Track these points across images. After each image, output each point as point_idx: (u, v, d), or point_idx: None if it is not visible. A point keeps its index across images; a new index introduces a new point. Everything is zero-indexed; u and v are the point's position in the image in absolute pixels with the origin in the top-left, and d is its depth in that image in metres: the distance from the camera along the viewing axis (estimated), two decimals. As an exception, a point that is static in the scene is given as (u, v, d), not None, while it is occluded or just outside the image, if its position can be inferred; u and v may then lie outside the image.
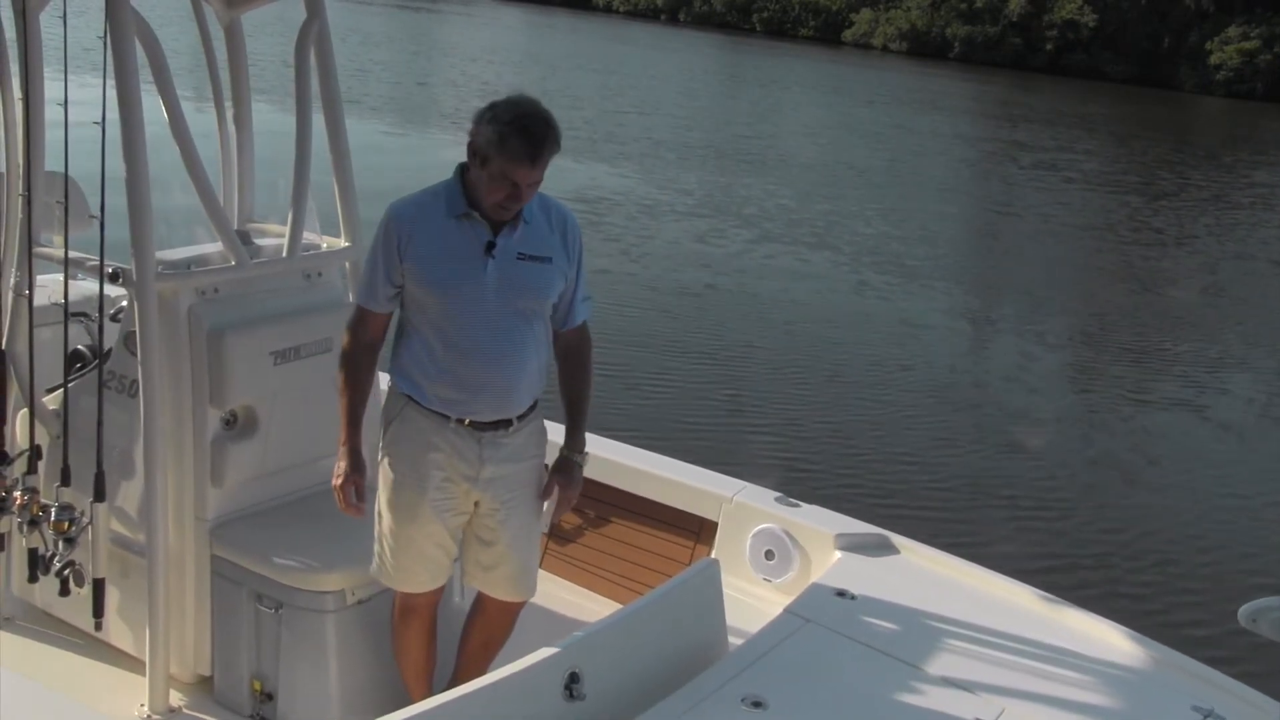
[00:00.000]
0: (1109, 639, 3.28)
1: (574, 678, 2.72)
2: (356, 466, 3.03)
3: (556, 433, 3.18)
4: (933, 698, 2.87)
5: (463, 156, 2.90)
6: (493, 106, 2.79)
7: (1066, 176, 25.39)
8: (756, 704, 2.73)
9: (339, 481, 3.03)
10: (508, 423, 3.00)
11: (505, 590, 3.17)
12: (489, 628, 3.27)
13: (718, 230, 15.21)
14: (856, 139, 28.92)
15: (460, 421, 2.96)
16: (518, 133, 2.73)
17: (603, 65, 42.20)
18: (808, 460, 7.79)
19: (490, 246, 2.87)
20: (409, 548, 3.05)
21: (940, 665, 3.01)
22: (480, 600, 3.27)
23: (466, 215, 2.88)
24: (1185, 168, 29.79)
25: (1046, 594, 3.51)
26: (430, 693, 3.27)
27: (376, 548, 3.11)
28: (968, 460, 8.27)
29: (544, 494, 3.13)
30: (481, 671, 3.18)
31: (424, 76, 31.64)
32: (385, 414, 3.08)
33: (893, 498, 7.23)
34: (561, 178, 17.19)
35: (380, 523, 3.09)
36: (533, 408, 3.07)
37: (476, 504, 3.06)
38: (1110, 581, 6.61)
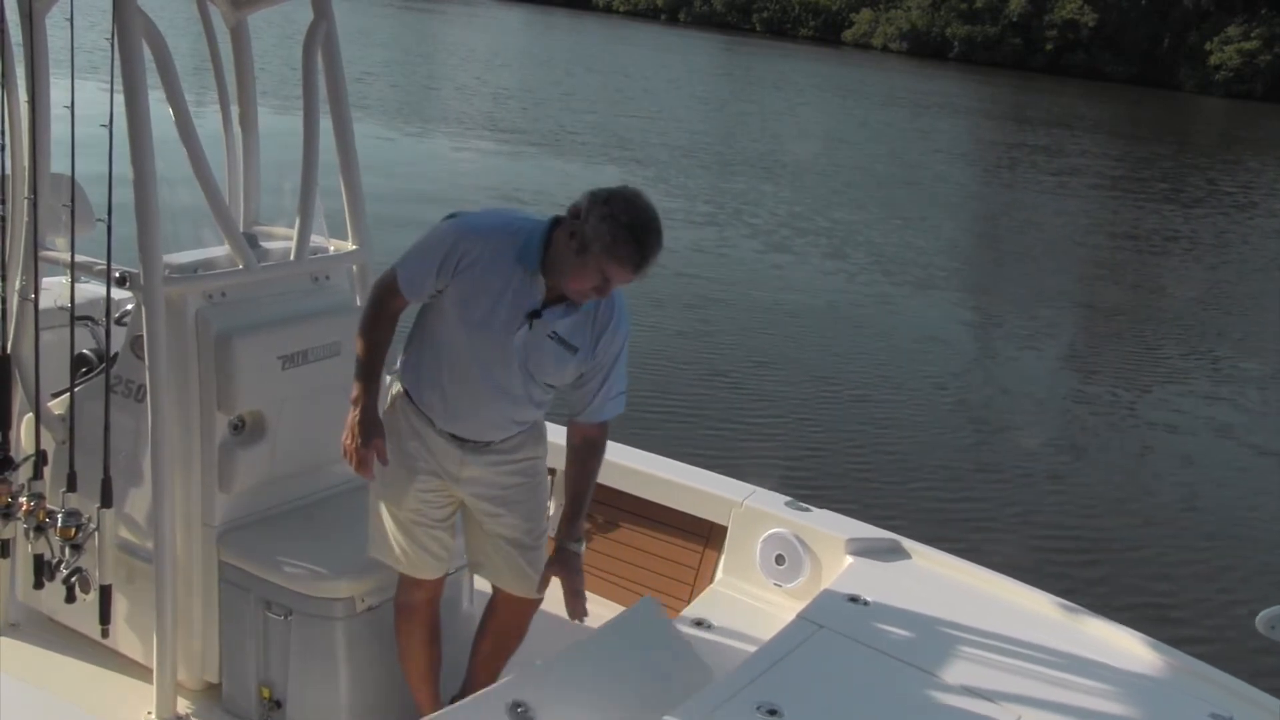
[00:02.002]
0: (1125, 645, 3.25)
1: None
2: (376, 429, 2.94)
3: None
4: (950, 704, 2.84)
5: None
6: (609, 200, 2.67)
7: (1091, 183, 25.11)
8: (772, 711, 2.70)
9: (354, 443, 2.92)
10: (488, 442, 3.01)
11: (508, 581, 3.15)
12: (501, 630, 3.25)
13: (727, 239, 15.04)
14: (872, 143, 28.64)
15: (442, 430, 2.98)
16: (632, 240, 2.64)
17: (605, 66, 42.14)
18: (817, 466, 7.75)
19: (534, 315, 2.82)
20: (402, 531, 3.06)
21: (956, 672, 2.98)
22: (492, 601, 3.26)
23: (532, 275, 2.80)
24: (1214, 173, 29.60)
25: (1061, 599, 3.48)
26: (437, 696, 3.25)
27: (372, 527, 3.10)
28: (981, 466, 8.23)
29: (542, 585, 3.07)
30: (493, 677, 3.19)
31: (426, 78, 31.53)
32: (384, 393, 3.07)
33: (904, 504, 7.19)
34: (566, 185, 17.12)
35: (375, 502, 3.09)
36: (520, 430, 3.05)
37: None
38: (1126, 587, 6.58)
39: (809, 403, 9.10)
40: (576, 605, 2.97)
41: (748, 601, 3.90)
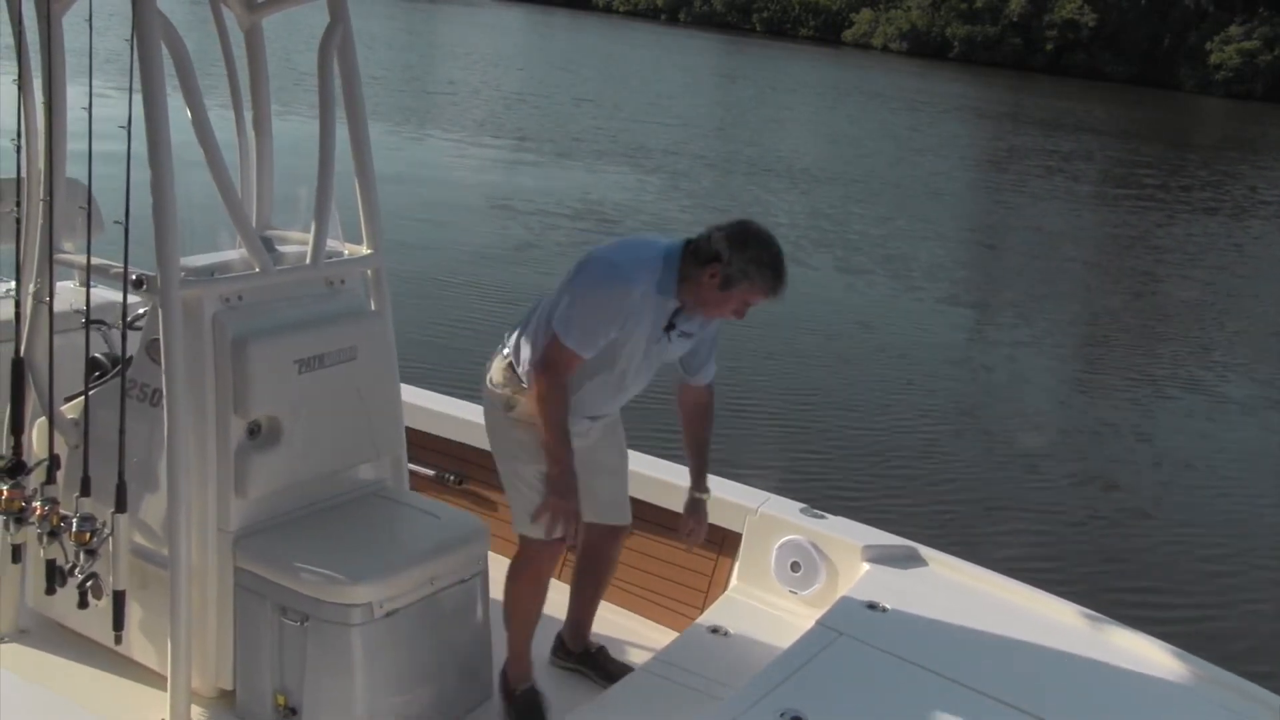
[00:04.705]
0: (1144, 652, 3.24)
1: None
2: (575, 490, 3.25)
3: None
4: (973, 712, 2.83)
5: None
6: (747, 243, 3.09)
7: (1117, 192, 24.75)
8: (796, 719, 2.69)
9: (560, 503, 3.21)
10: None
11: (609, 511, 3.59)
12: (600, 564, 3.69)
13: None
14: (885, 148, 28.26)
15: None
16: (774, 273, 3.10)
17: (608, 68, 42.06)
18: (830, 473, 7.69)
19: (670, 327, 3.26)
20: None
21: (978, 679, 2.96)
22: (586, 548, 3.63)
23: (673, 303, 3.20)
24: (1254, 180, 29.29)
25: (1079, 606, 3.47)
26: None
27: (520, 505, 3.36)
28: (995, 474, 8.16)
29: (682, 529, 3.64)
30: (592, 615, 3.76)
31: (431, 80, 31.33)
32: (507, 382, 3.32)
33: (919, 511, 7.11)
34: (573, 190, 17.05)
35: (517, 483, 3.38)
36: None
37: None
38: (1143, 591, 6.54)
39: (820, 409, 9.02)
40: (692, 543, 3.68)
41: (763, 609, 3.88)
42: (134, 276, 3.09)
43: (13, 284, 4.13)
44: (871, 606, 3.34)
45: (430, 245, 12.32)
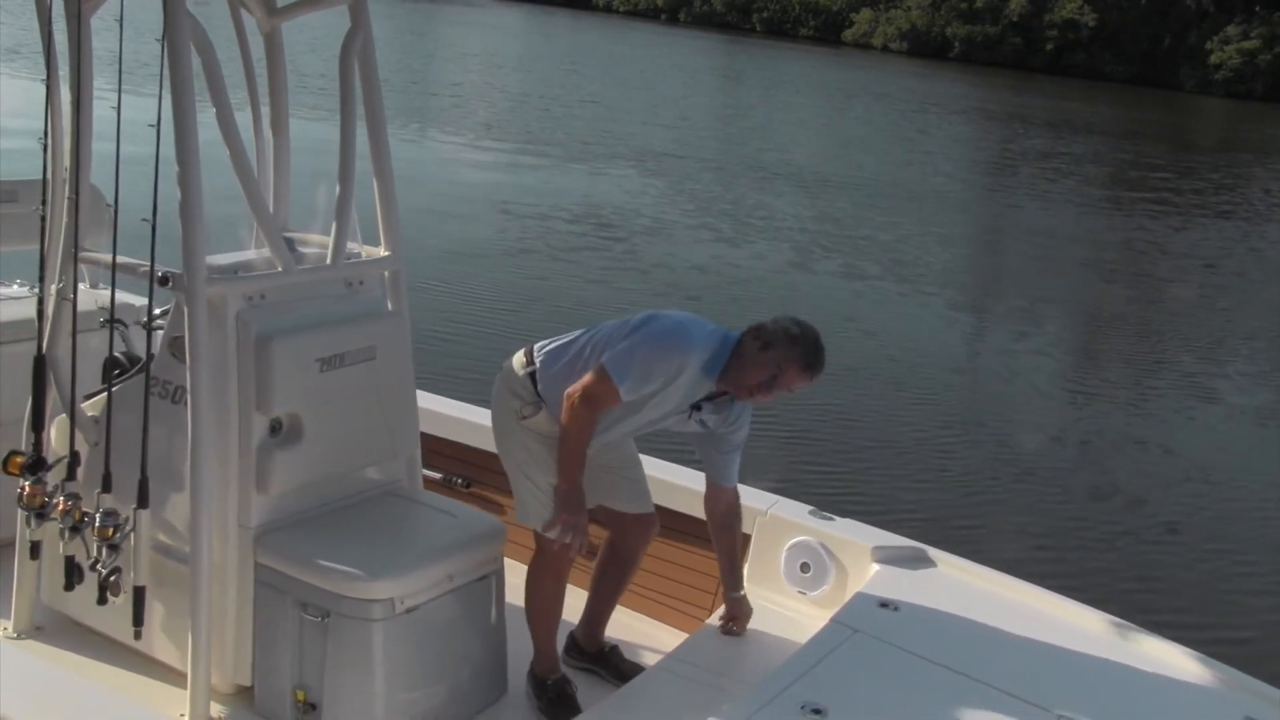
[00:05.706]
0: (1157, 652, 3.26)
1: None
2: (583, 507, 3.42)
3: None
4: (993, 708, 2.86)
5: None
6: (795, 322, 3.32)
7: (1139, 196, 24.54)
8: (817, 711, 2.72)
9: (569, 517, 3.36)
10: None
11: (632, 501, 3.68)
12: (624, 559, 3.75)
13: (741, 250, 14.70)
14: (892, 151, 28.10)
15: None
16: (811, 342, 3.30)
17: (610, 69, 41.95)
18: (838, 477, 7.69)
19: (697, 408, 3.42)
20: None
21: (994, 676, 2.99)
22: (611, 542, 3.76)
23: (708, 379, 3.34)
24: (1266, 181, 29.19)
25: (1087, 606, 3.50)
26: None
27: (525, 501, 3.50)
28: (1003, 482, 8.13)
29: (726, 631, 3.76)
30: (610, 611, 3.82)
31: (434, 81, 31.22)
32: (523, 391, 3.45)
33: (926, 514, 7.11)
34: (573, 194, 16.98)
35: (524, 480, 3.49)
36: None
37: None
38: (1154, 591, 6.56)
39: (829, 414, 8.94)
40: (738, 631, 3.77)
41: (772, 609, 3.91)
42: (159, 273, 3.11)
43: (18, 285, 4.17)
44: (884, 605, 3.37)
45: (430, 247, 12.32)
